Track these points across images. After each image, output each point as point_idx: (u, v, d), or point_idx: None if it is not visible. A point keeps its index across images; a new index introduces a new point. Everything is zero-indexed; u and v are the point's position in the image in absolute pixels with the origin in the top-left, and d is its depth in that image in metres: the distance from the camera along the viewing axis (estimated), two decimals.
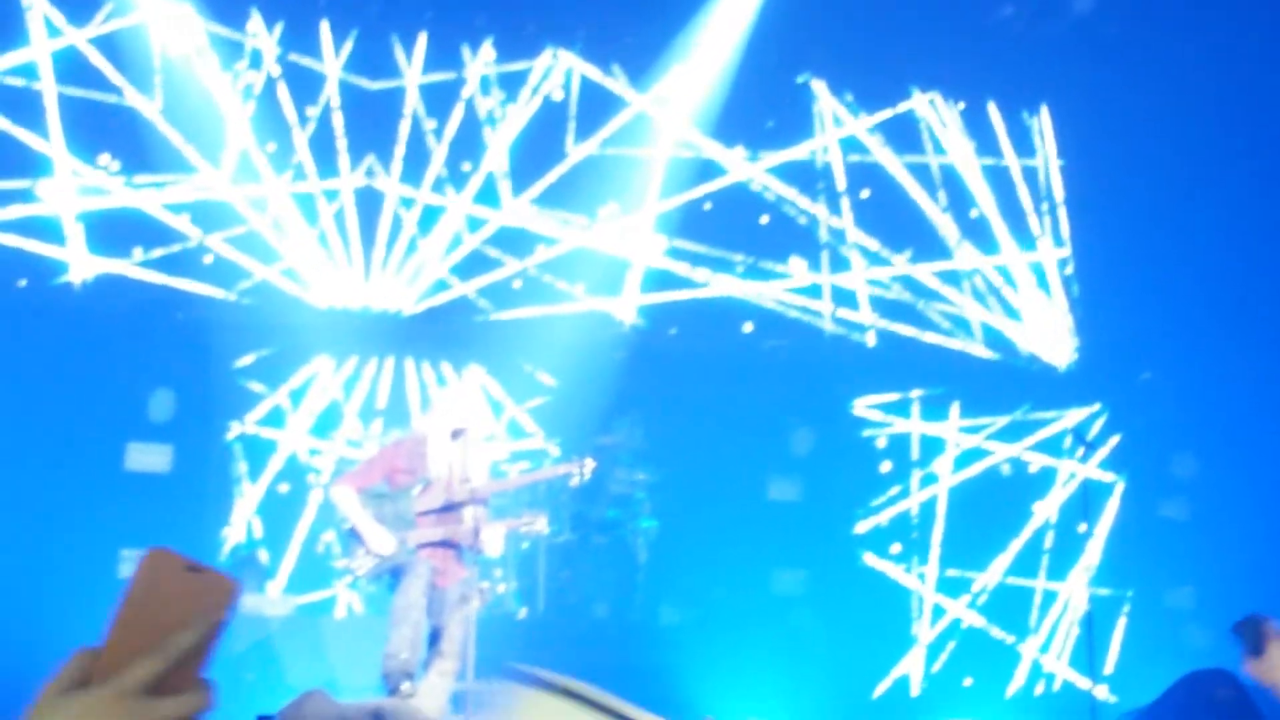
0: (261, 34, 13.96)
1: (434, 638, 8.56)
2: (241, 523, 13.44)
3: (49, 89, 13.26)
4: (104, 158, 13.48)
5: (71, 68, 13.36)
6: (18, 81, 13.23)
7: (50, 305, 13.10)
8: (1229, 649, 3.89)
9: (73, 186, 13.30)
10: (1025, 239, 15.54)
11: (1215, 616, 13.92)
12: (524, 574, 12.95)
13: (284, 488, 13.64)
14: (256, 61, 13.94)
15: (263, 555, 12.96)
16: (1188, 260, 14.78)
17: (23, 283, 13.18)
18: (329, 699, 5.74)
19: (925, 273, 15.29)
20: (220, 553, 13.18)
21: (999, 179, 15.58)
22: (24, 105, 13.22)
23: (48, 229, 13.18)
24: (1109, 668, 14.23)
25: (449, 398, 8.99)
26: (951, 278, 15.35)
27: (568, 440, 13.43)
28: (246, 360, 13.69)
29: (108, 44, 13.44)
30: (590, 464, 8.96)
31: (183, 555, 1.62)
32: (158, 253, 13.54)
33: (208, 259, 13.69)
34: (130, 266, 13.46)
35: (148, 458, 13.30)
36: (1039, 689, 14.47)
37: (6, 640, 10.37)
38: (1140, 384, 15.14)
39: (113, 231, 13.37)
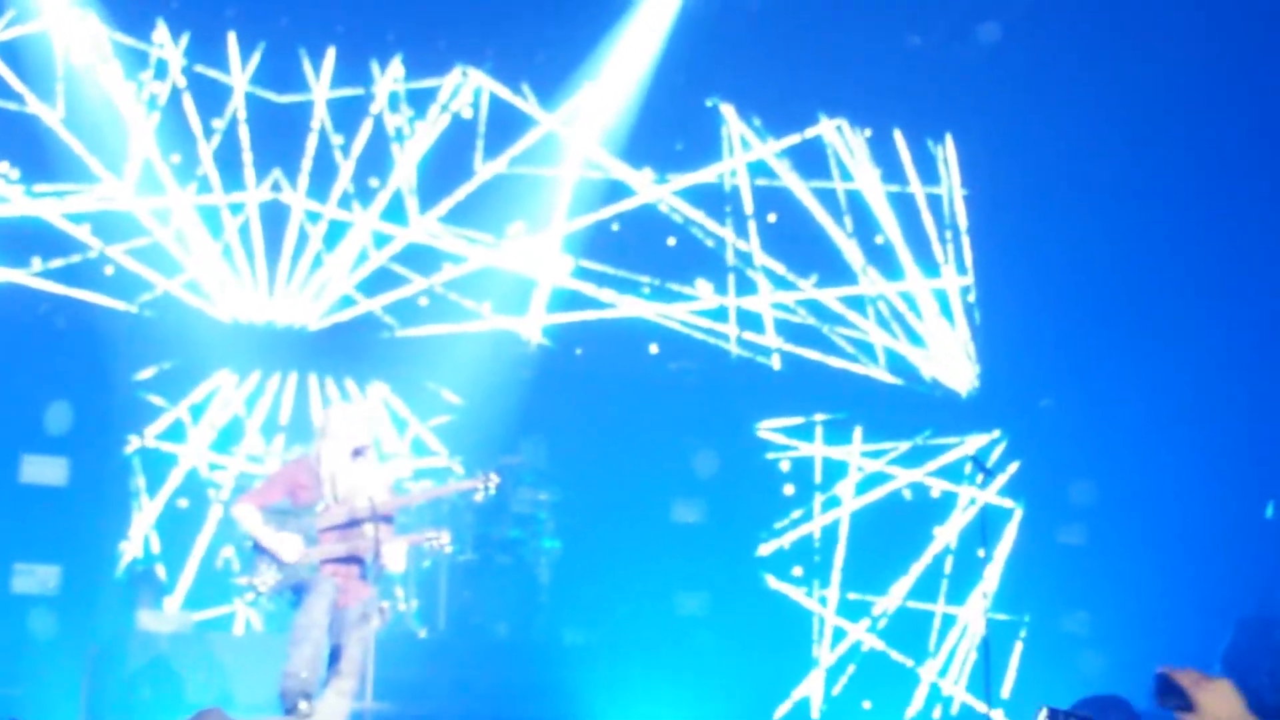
0: (167, 44, 13.81)
1: (333, 657, 8.48)
2: (139, 537, 13.25)
3: None
4: (3, 165, 13.28)
5: None
6: None
7: None
8: (1124, 675, 3.64)
9: None
10: (929, 266, 15.69)
11: (1110, 642, 14.17)
12: (425, 593, 12.89)
13: (183, 503, 13.48)
14: (162, 72, 13.79)
15: (160, 571, 12.78)
16: (1088, 290, 15.00)
17: None
18: (226, 717, 5.68)
19: (830, 297, 15.39)
20: (117, 567, 13.00)
21: (904, 206, 15.72)
22: None
23: None
24: (1006, 692, 14.36)
25: (339, 415, 8.90)
26: (856, 303, 15.47)
27: (472, 458, 13.37)
28: (147, 373, 13.53)
29: (9, 50, 13.25)
30: (495, 479, 8.91)
31: None
32: (57, 263, 13.36)
33: (109, 270, 13.52)
34: (29, 276, 13.27)
35: (44, 470, 13.09)
36: (937, 712, 14.58)
37: None
38: (1039, 411, 15.31)
39: (11, 241, 13.18)
